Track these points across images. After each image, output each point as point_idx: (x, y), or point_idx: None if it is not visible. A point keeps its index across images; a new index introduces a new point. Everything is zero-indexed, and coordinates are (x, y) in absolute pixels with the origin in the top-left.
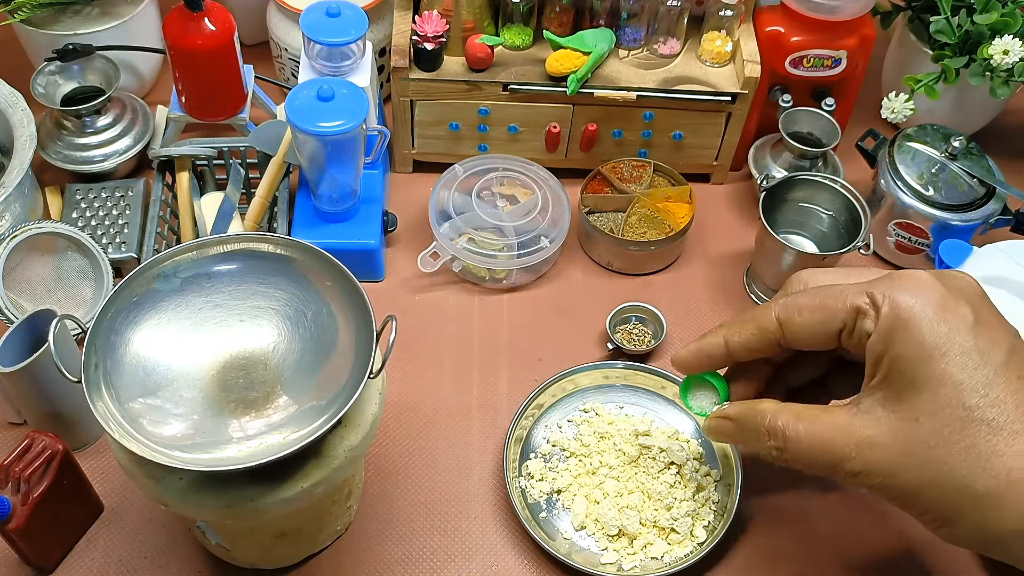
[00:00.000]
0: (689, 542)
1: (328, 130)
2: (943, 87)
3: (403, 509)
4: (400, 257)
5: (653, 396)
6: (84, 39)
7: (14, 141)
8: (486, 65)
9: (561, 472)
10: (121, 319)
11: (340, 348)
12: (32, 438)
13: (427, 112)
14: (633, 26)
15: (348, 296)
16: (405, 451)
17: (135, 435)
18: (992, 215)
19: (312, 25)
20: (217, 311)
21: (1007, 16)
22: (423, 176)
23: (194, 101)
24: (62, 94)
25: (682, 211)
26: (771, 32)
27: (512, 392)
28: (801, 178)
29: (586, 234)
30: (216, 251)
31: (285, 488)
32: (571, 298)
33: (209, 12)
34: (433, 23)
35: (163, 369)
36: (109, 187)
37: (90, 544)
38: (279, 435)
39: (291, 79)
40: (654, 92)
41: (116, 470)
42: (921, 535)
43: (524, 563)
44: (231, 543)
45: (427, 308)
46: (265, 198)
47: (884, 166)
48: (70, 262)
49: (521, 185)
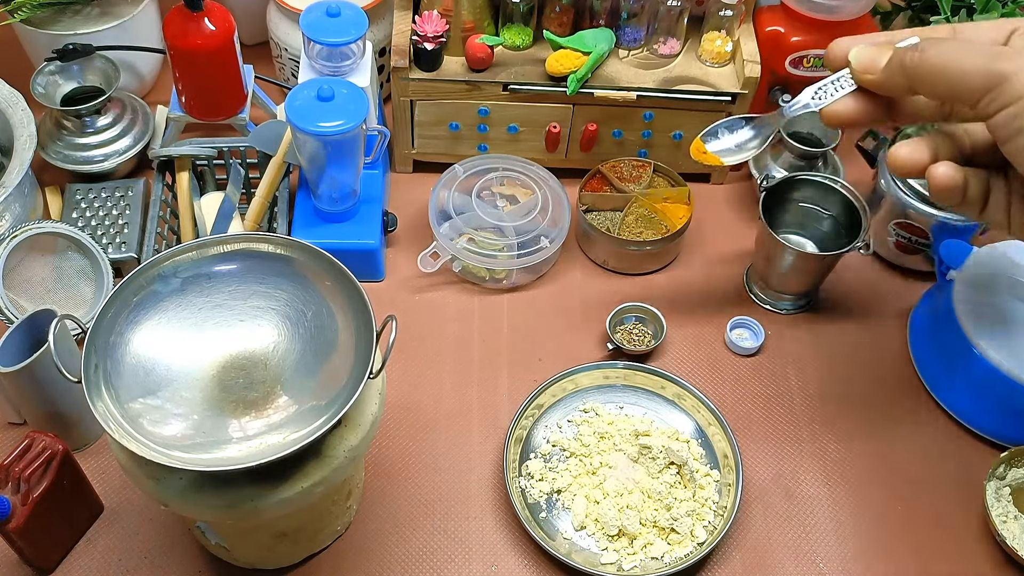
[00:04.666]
0: (689, 542)
1: (328, 130)
2: None
3: (403, 509)
4: (400, 257)
5: (653, 396)
6: (84, 39)
7: (14, 141)
8: (486, 65)
9: (561, 472)
10: (121, 319)
11: (340, 348)
12: (32, 438)
13: (427, 112)
14: (633, 26)
15: (348, 296)
16: (405, 451)
17: (135, 435)
18: None
19: (312, 25)
20: (217, 311)
21: (1007, 16)
22: (423, 176)
23: (194, 101)
24: (62, 94)
25: (680, 212)
26: (771, 32)
27: (512, 392)
28: (801, 178)
29: (583, 233)
30: (216, 251)
31: (285, 488)
32: (571, 298)
33: (209, 12)
34: (433, 23)
35: (163, 369)
36: (109, 187)
37: (90, 544)
38: (279, 435)
39: (291, 79)
40: (654, 92)
41: (116, 470)
42: (921, 534)
43: (524, 563)
44: (231, 543)
45: (427, 308)
46: (265, 198)
47: (884, 166)
48: (70, 262)
49: (521, 185)
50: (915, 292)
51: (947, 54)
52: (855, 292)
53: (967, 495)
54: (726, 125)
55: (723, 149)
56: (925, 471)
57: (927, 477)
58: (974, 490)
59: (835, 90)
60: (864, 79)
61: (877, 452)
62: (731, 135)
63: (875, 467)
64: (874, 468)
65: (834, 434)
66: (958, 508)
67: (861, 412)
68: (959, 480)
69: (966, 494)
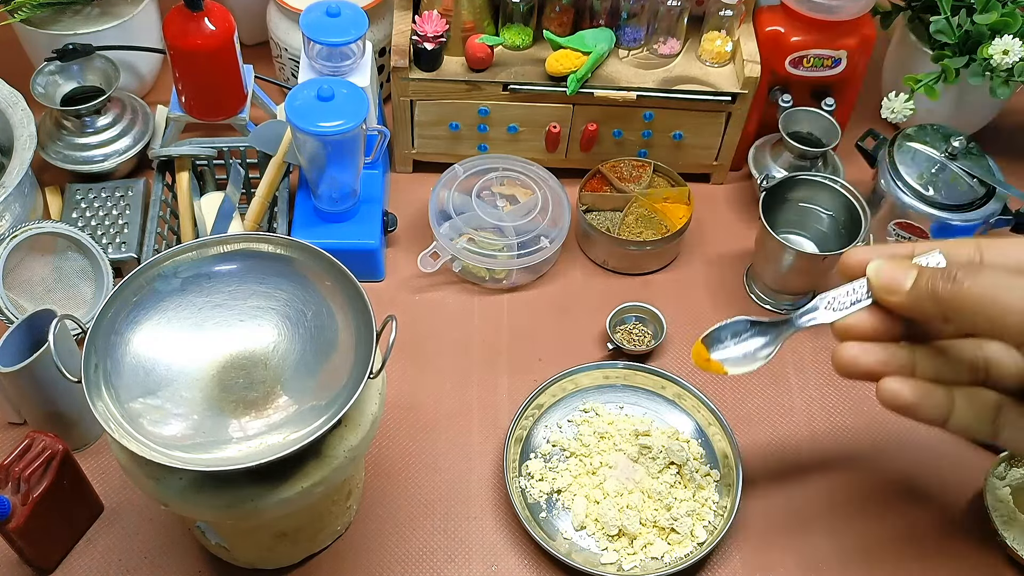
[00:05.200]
0: (689, 542)
1: (328, 130)
2: (943, 87)
3: (403, 509)
4: (400, 257)
5: (653, 396)
6: (84, 39)
7: (14, 141)
8: (486, 65)
9: (561, 472)
10: (121, 319)
11: (340, 348)
12: (32, 438)
13: (427, 112)
14: (633, 26)
15: (348, 296)
16: (405, 451)
17: (135, 435)
18: (992, 215)
19: (312, 25)
20: (217, 311)
21: (1007, 16)
22: (423, 176)
23: (194, 101)
24: (62, 94)
25: (680, 212)
26: (771, 32)
27: (512, 392)
28: (801, 178)
29: (583, 233)
30: (216, 251)
31: (285, 488)
32: (571, 298)
33: (209, 12)
34: (433, 23)
35: (163, 369)
36: (109, 187)
37: (90, 544)
38: (279, 435)
39: (291, 79)
40: (654, 92)
41: (116, 470)
42: (920, 534)
43: (524, 563)
44: (231, 543)
45: (427, 308)
46: (265, 198)
47: (884, 166)
48: (70, 262)
49: (521, 185)
50: None
51: (988, 289)
52: None
53: (967, 495)
54: (731, 329)
55: (729, 358)
56: (925, 471)
57: (927, 477)
58: (974, 490)
59: (850, 302)
60: (887, 300)
61: (877, 452)
62: (737, 343)
63: (875, 467)
64: (874, 468)
65: (834, 434)
66: (958, 508)
67: (861, 412)
68: (959, 480)
69: (966, 494)
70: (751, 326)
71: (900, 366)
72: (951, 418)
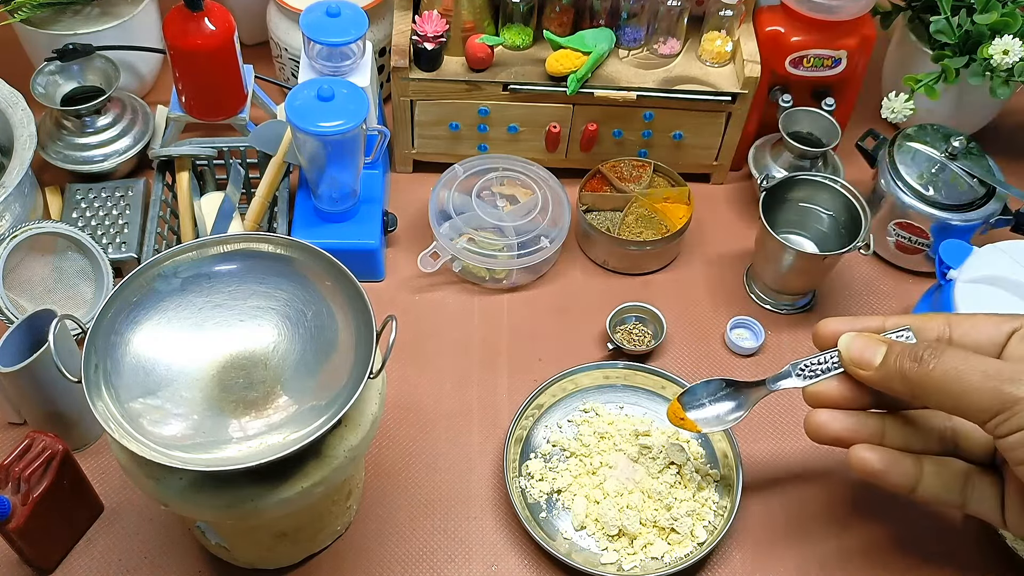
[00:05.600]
0: (689, 542)
1: (328, 130)
2: (943, 87)
3: (403, 509)
4: (400, 257)
5: (653, 396)
6: (84, 39)
7: (14, 141)
8: (486, 65)
9: (561, 472)
10: (121, 319)
11: (340, 348)
12: (32, 438)
13: (427, 112)
14: (633, 26)
15: (348, 296)
16: (405, 451)
17: (135, 435)
18: (992, 215)
19: (312, 25)
20: (217, 311)
21: (1007, 16)
22: (423, 176)
23: (194, 101)
24: (62, 94)
25: (680, 212)
26: (771, 32)
27: (512, 392)
28: (801, 178)
29: (583, 233)
30: (216, 251)
31: (285, 488)
32: (571, 298)
33: (209, 12)
34: (433, 23)
35: (163, 369)
36: (109, 187)
37: (90, 544)
38: (279, 435)
39: (291, 79)
40: (654, 92)
41: (116, 470)
42: (921, 534)
43: (524, 563)
44: (231, 543)
45: (427, 308)
46: (265, 198)
47: (884, 166)
48: (70, 262)
49: (521, 185)
50: (915, 292)
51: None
52: (855, 292)
53: None
54: (706, 390)
55: (703, 418)
56: None
57: None
58: None
59: (822, 370)
60: (857, 374)
61: None
62: (712, 404)
63: None
64: None
65: None
66: None
67: None
68: None
69: None
70: (726, 386)
71: (870, 434)
72: (919, 487)
